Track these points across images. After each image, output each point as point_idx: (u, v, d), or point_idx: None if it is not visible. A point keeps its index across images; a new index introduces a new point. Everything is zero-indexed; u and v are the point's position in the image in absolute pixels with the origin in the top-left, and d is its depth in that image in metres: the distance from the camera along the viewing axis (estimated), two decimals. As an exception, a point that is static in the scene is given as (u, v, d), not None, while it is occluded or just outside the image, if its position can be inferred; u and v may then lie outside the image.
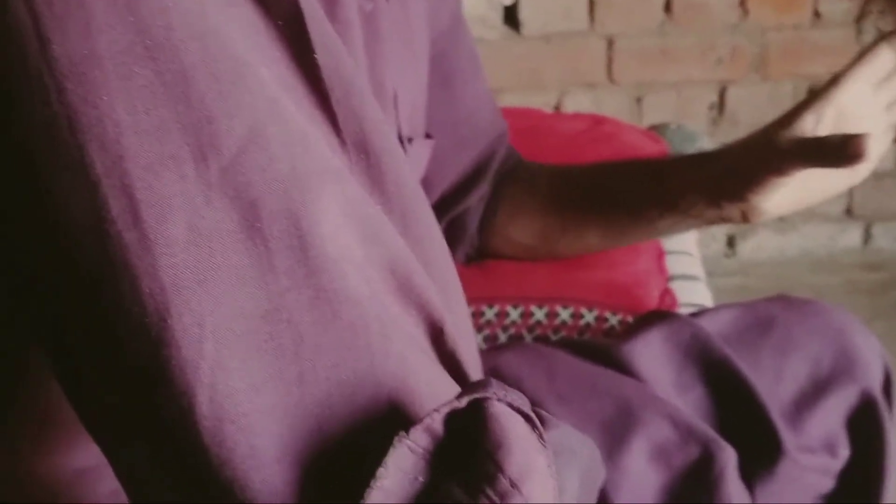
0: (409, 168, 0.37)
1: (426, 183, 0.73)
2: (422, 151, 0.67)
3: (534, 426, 0.30)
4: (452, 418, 0.30)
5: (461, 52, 0.74)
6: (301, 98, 0.33)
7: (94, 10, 0.29)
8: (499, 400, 0.30)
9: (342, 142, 0.34)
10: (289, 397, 0.30)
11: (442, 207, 0.78)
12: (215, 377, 0.29)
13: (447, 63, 0.72)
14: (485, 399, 0.30)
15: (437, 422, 0.29)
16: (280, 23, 0.33)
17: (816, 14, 1.77)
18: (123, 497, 0.49)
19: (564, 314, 0.85)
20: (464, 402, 0.30)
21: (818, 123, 0.60)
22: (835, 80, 0.61)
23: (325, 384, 0.30)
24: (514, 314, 0.85)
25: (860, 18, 1.78)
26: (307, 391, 0.30)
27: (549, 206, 0.78)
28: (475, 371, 0.38)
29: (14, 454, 0.47)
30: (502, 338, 0.82)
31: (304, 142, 0.32)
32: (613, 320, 0.85)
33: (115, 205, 0.29)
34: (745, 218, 0.64)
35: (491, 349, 0.74)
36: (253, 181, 0.30)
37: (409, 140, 0.62)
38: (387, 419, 0.31)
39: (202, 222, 0.29)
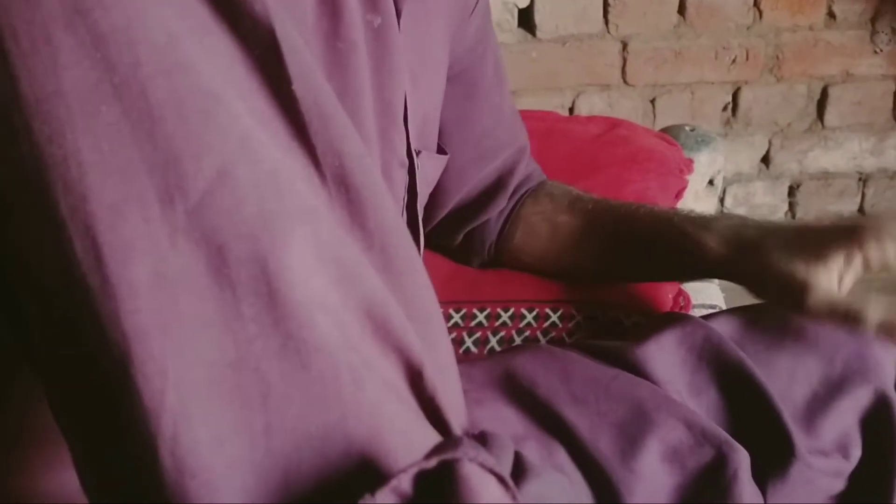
0: (392, 202, 0.36)
1: (444, 192, 0.74)
2: (431, 165, 0.66)
3: (507, 487, 0.29)
4: (422, 478, 0.29)
5: (486, 68, 0.74)
6: (278, 130, 0.32)
7: (60, 46, 0.28)
8: (470, 460, 0.29)
9: (321, 175, 0.33)
10: (255, 450, 0.29)
11: (460, 218, 0.79)
12: (177, 429, 0.28)
13: (471, 78, 0.72)
14: (455, 460, 0.28)
15: (404, 482, 0.28)
16: (257, 53, 0.32)
17: (831, 15, 1.77)
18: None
19: (579, 317, 0.86)
20: (433, 462, 0.28)
21: (847, 264, 0.61)
22: (877, 232, 0.60)
23: (294, 436, 0.29)
24: (529, 317, 0.85)
25: (875, 19, 1.78)
26: (274, 443, 0.29)
27: (568, 240, 0.79)
28: (456, 414, 0.36)
29: (22, 470, 0.47)
30: (517, 340, 0.83)
31: (275, 181, 0.30)
32: (627, 323, 0.86)
33: (79, 247, 0.28)
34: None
35: (505, 351, 0.74)
36: (220, 224, 0.29)
37: (418, 153, 0.62)
38: (358, 473, 0.30)
39: (167, 267, 0.29)
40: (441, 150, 0.70)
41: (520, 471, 0.33)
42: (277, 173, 0.31)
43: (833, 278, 0.60)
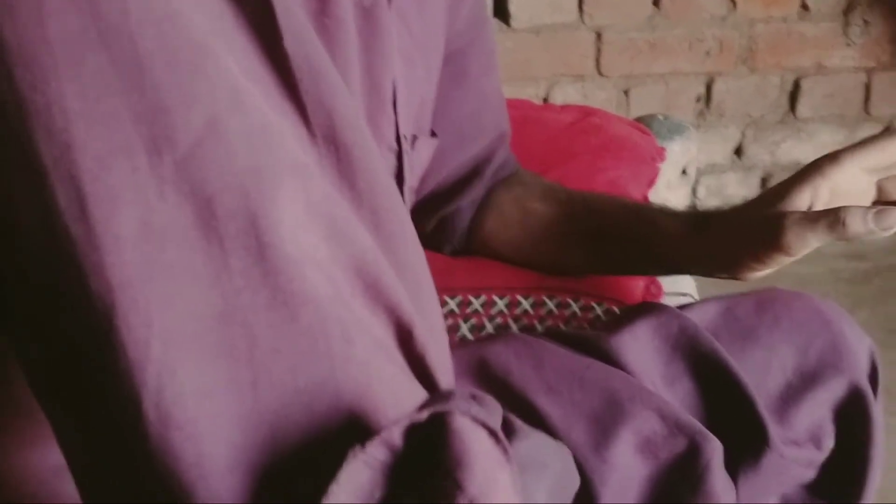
0: (384, 164, 0.35)
1: (421, 178, 0.73)
2: (425, 149, 0.66)
3: (498, 440, 0.29)
4: (413, 431, 0.28)
5: (477, 51, 0.73)
6: (269, 88, 0.32)
7: None
8: (462, 413, 0.28)
9: (311, 134, 0.32)
10: (242, 403, 0.28)
11: (433, 204, 0.78)
12: (162, 380, 0.28)
13: (461, 60, 0.71)
14: (447, 413, 0.28)
15: (395, 435, 0.28)
16: (248, 9, 0.32)
17: (804, 6, 1.78)
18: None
19: (550, 304, 0.85)
20: (424, 415, 0.28)
21: (814, 199, 0.59)
22: (834, 158, 0.59)
23: (281, 390, 0.29)
24: (501, 304, 0.85)
25: (847, 11, 1.79)
26: (262, 397, 0.29)
27: (537, 228, 0.78)
28: (445, 375, 0.36)
29: None
30: (489, 327, 0.82)
31: (266, 135, 0.30)
32: (599, 310, 0.85)
33: (62, 197, 0.28)
34: (736, 278, 0.65)
35: (478, 339, 0.74)
36: (209, 176, 0.29)
37: (414, 138, 0.61)
38: (346, 429, 0.29)
39: (154, 218, 0.28)
40: (433, 134, 0.69)
41: (508, 431, 0.33)
42: (268, 127, 0.30)
43: (803, 206, 0.59)
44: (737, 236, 0.62)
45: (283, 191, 0.30)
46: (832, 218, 0.54)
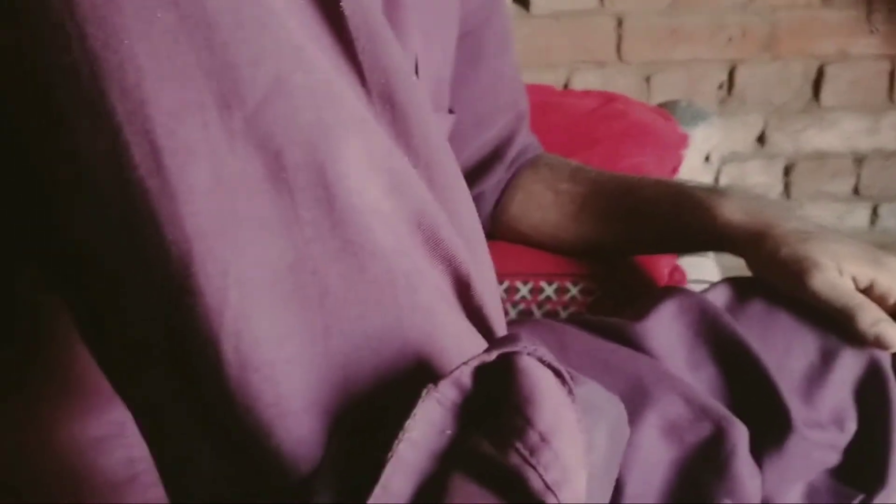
0: (437, 123, 0.36)
1: None
2: (443, 126, 0.66)
3: (563, 381, 0.30)
4: (481, 372, 0.29)
5: (492, 30, 0.73)
6: (327, 48, 0.32)
7: None
8: (528, 354, 0.29)
9: (367, 92, 0.33)
10: (314, 348, 0.30)
11: None
12: (239, 325, 0.29)
13: (476, 40, 0.71)
14: (514, 353, 0.29)
15: (465, 375, 0.29)
16: None
17: (827, -7, 1.76)
18: (137, 467, 0.49)
19: (574, 290, 0.85)
20: (493, 355, 0.29)
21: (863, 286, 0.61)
22: None
23: (351, 336, 0.30)
24: (524, 290, 0.85)
25: (871, -2, 1.77)
26: (333, 343, 0.30)
27: (569, 208, 0.77)
28: (500, 326, 0.37)
29: (30, 422, 0.47)
30: (512, 314, 0.82)
31: (329, 91, 0.31)
32: (623, 296, 0.85)
33: (137, 151, 0.28)
34: None
35: (502, 325, 0.74)
36: (277, 131, 0.29)
37: None
38: (413, 372, 0.31)
39: (226, 170, 0.29)
40: (450, 111, 0.69)
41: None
42: (331, 84, 0.31)
43: (845, 277, 0.60)
44: (774, 252, 0.63)
45: (347, 145, 0.30)
46: (848, 311, 0.59)
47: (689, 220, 0.69)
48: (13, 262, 0.41)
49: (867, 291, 0.60)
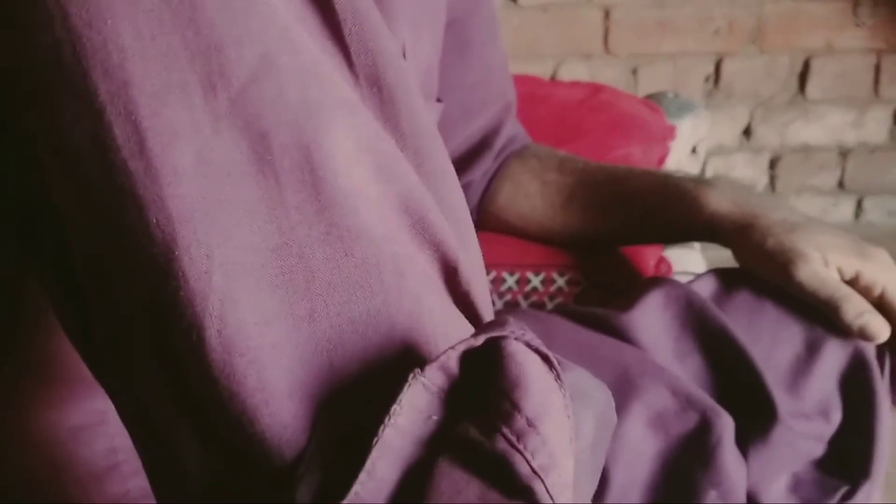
0: (425, 107, 0.36)
1: None
2: (431, 115, 0.66)
3: (551, 366, 0.30)
4: (468, 357, 0.29)
5: (479, 19, 0.73)
6: (313, 29, 0.32)
7: None
8: (516, 339, 0.29)
9: (355, 75, 0.33)
10: (299, 333, 0.29)
11: None
12: (224, 309, 0.28)
13: (463, 29, 0.71)
14: (502, 337, 0.29)
15: (452, 360, 0.29)
16: None
17: (814, -14, 1.76)
18: (118, 456, 0.49)
19: (560, 281, 0.85)
20: (480, 340, 0.29)
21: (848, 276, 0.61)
22: None
23: (337, 321, 0.30)
24: (511, 281, 0.84)
25: (858, -9, 1.77)
26: (318, 327, 0.30)
27: (557, 198, 0.77)
28: (488, 312, 0.37)
29: (10, 409, 0.47)
30: (498, 304, 0.82)
31: (316, 72, 0.30)
32: (608, 287, 0.85)
33: (120, 132, 0.28)
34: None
35: (488, 315, 0.73)
36: (263, 112, 0.29)
37: None
38: (400, 358, 0.31)
39: (211, 153, 0.29)
40: (438, 100, 0.68)
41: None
42: (318, 65, 0.31)
43: (831, 268, 0.60)
44: (760, 242, 0.63)
45: (334, 126, 0.30)
46: (834, 303, 0.59)
47: (677, 210, 0.69)
48: None
49: (853, 282, 0.60)
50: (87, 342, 0.33)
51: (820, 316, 0.61)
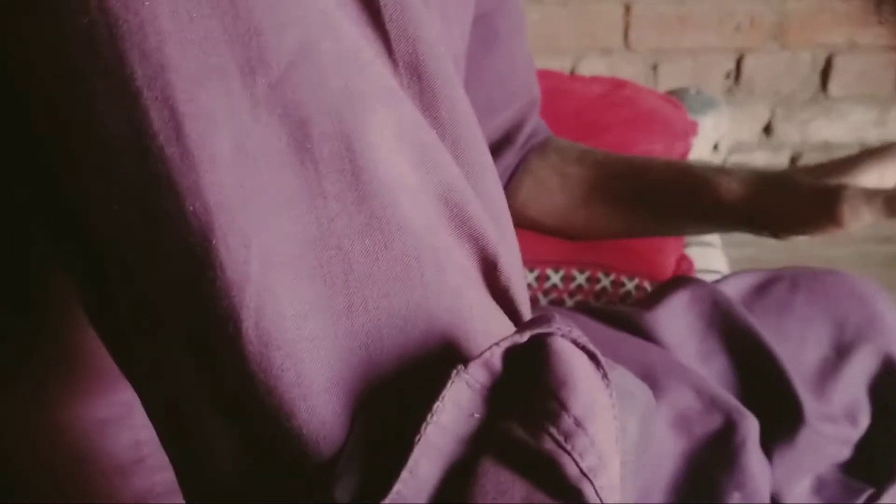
0: (465, 97, 0.35)
1: None
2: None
3: (598, 365, 0.29)
4: (511, 354, 0.28)
5: (505, 14, 0.72)
6: (353, 15, 0.31)
7: None
8: (562, 336, 0.28)
9: (394, 62, 0.32)
10: (337, 326, 0.29)
11: None
12: (261, 301, 0.28)
13: (491, 23, 0.70)
14: (547, 334, 0.28)
15: (496, 356, 0.28)
16: None
17: (837, -18, 1.75)
18: (142, 450, 0.49)
19: (580, 278, 0.85)
20: (525, 336, 0.28)
21: (882, 178, 0.58)
22: None
23: (376, 315, 0.29)
24: (530, 277, 0.84)
25: (882, -12, 1.76)
26: (357, 321, 0.29)
27: (578, 192, 0.76)
28: (526, 308, 0.36)
29: (36, 403, 0.47)
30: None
31: (357, 59, 0.30)
32: (630, 285, 0.85)
33: (156, 117, 0.27)
34: (775, 237, 0.63)
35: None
36: (303, 99, 0.28)
37: None
38: (440, 354, 0.30)
39: (248, 140, 0.28)
40: None
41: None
42: (359, 52, 0.30)
43: (868, 185, 0.57)
44: (793, 199, 0.60)
45: (375, 115, 0.29)
46: (891, 197, 0.52)
47: (699, 198, 0.68)
48: (27, 235, 0.40)
49: None
50: (116, 336, 0.32)
51: (851, 319, 0.60)
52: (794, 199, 0.60)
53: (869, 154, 0.59)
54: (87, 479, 0.47)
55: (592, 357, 0.29)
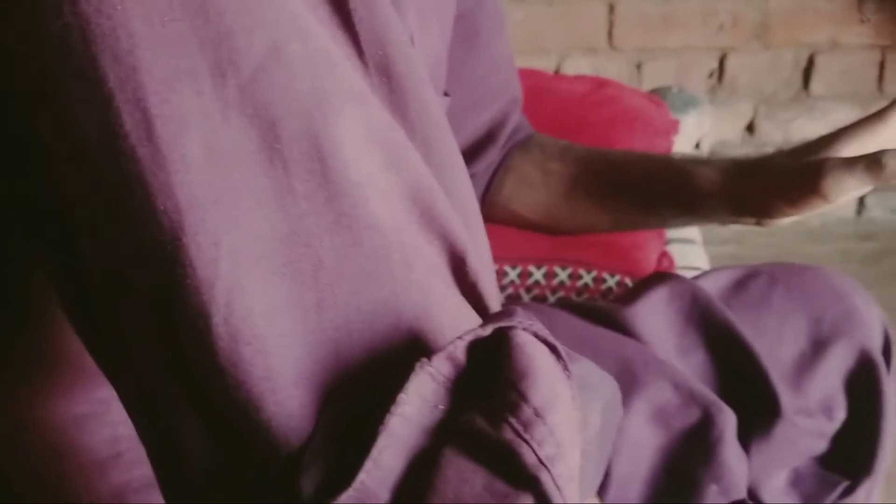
0: (435, 94, 0.36)
1: None
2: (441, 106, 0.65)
3: (559, 357, 0.30)
4: (475, 347, 0.29)
5: (487, 13, 0.72)
6: (323, 17, 0.32)
7: None
8: (524, 329, 0.29)
9: (364, 63, 0.32)
10: (306, 322, 0.29)
11: None
12: (231, 298, 0.28)
13: (471, 22, 0.70)
14: (509, 328, 0.29)
15: (459, 350, 0.29)
16: None
17: (819, -18, 1.76)
18: (120, 446, 0.49)
19: (563, 275, 0.85)
20: (488, 330, 0.29)
21: (861, 151, 0.56)
22: (881, 116, 0.57)
23: (345, 310, 0.30)
24: (513, 274, 0.84)
25: (863, -13, 1.77)
26: (325, 317, 0.29)
27: (560, 187, 0.77)
28: (496, 303, 0.37)
29: (13, 398, 0.47)
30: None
31: (326, 61, 0.30)
32: (611, 281, 0.85)
33: (128, 119, 0.28)
34: (759, 224, 0.63)
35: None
36: (273, 100, 0.29)
37: None
38: (407, 348, 0.30)
39: (219, 141, 0.28)
40: (446, 94, 0.68)
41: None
42: (328, 53, 0.31)
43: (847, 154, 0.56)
44: (773, 180, 0.60)
45: (344, 115, 0.30)
46: (871, 159, 0.52)
47: (680, 190, 0.68)
48: (5, 232, 0.40)
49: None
50: (92, 332, 0.33)
51: (828, 314, 0.61)
52: (776, 180, 0.59)
53: (845, 131, 0.59)
54: (64, 474, 0.47)
55: (553, 350, 0.30)
